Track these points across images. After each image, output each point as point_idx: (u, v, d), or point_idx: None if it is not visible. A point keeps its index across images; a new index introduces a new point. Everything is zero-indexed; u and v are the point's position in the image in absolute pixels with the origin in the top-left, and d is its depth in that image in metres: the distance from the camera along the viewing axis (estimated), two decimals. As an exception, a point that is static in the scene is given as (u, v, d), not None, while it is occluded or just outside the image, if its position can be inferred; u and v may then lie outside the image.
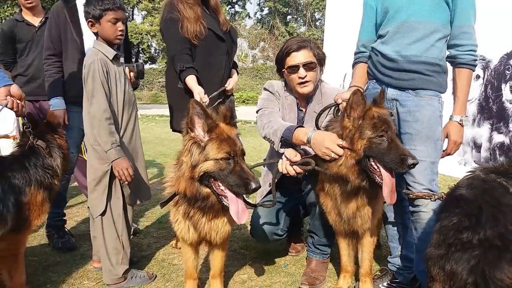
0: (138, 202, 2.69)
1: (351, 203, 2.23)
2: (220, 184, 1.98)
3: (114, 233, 2.53)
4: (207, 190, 2.00)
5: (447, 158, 5.59)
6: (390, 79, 2.28)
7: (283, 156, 2.34)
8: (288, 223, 2.73)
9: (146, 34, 41.05)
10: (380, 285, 2.50)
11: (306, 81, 2.62)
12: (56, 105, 3.03)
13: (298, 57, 2.62)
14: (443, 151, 2.26)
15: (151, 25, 41.53)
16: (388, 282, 2.49)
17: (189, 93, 2.98)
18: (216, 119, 2.00)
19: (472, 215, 1.56)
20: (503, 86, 4.98)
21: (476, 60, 2.23)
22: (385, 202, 2.24)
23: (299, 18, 37.34)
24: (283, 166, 2.28)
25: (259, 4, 40.09)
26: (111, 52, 2.44)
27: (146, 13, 44.09)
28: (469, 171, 2.03)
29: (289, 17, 37.60)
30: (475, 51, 2.21)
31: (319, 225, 2.57)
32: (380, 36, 2.34)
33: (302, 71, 2.60)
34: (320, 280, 2.62)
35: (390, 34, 2.26)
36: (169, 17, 3.09)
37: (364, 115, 2.05)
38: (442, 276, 1.50)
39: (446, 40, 2.24)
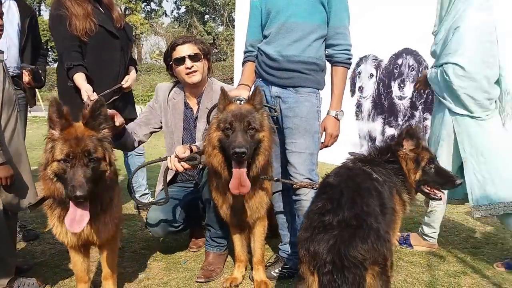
0: (23, 207, 2.54)
1: (239, 196, 2.31)
2: None
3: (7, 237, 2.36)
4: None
5: (346, 153, 5.96)
6: (273, 78, 2.41)
7: (174, 153, 2.38)
8: (184, 216, 2.75)
9: (55, 31, 38.47)
10: (272, 272, 2.62)
11: (194, 71, 2.75)
12: None
13: (184, 50, 2.76)
14: (322, 143, 2.44)
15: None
16: (280, 268, 2.62)
17: (79, 91, 2.90)
18: (71, 119, 1.92)
19: (334, 199, 1.71)
20: (392, 83, 5.45)
21: (350, 58, 2.43)
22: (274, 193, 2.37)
23: (216, 18, 37.39)
24: (172, 163, 2.31)
25: (175, 2, 39.47)
26: None
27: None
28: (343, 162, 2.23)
29: (206, 16, 37.48)
30: (349, 50, 2.41)
31: (213, 218, 2.62)
32: (265, 37, 2.46)
33: (188, 62, 2.73)
34: (217, 272, 2.68)
35: (272, 35, 2.39)
36: (56, 14, 3.00)
37: (224, 109, 2.15)
38: (307, 257, 1.61)
39: (324, 40, 2.41)
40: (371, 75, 5.75)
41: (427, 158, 2.17)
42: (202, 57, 2.80)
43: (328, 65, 2.50)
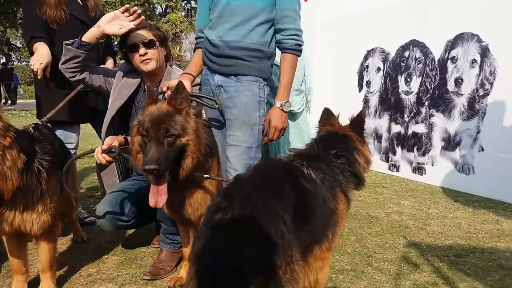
0: None
1: (179, 193, 2.19)
2: None
3: None
4: None
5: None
6: (215, 65, 2.24)
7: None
8: (135, 210, 2.64)
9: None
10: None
11: (148, 59, 2.59)
12: None
13: (137, 37, 2.60)
14: (266, 136, 2.25)
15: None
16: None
17: (59, 84, 2.99)
18: None
19: (231, 196, 1.52)
20: (399, 77, 5.11)
21: (300, 45, 2.22)
22: None
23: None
24: (96, 155, 2.21)
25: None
26: None
27: (98, 7, 42.85)
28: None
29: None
30: (298, 35, 2.20)
31: (163, 213, 2.50)
32: (210, 21, 2.30)
33: (142, 50, 2.58)
34: (166, 270, 2.56)
35: (215, 19, 2.22)
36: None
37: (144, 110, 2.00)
38: (192, 257, 1.46)
39: (272, 25, 2.23)
40: (378, 69, 5.42)
41: None
42: (158, 44, 2.65)
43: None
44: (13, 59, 41.51)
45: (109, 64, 3.34)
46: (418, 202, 4.08)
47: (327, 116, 2.17)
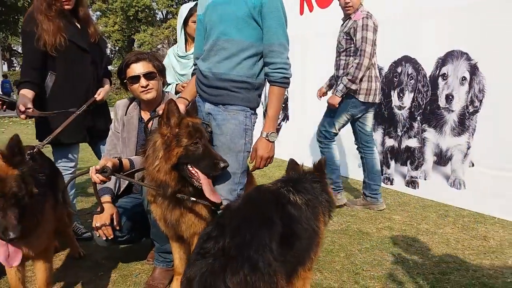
0: None
1: (175, 210, 2.29)
2: None
3: None
4: None
5: (348, 163, 5.80)
6: (205, 94, 2.36)
7: None
8: (130, 226, 2.74)
9: (101, 35, 40.26)
10: None
11: (149, 89, 2.75)
12: None
13: (138, 68, 2.75)
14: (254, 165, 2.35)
15: (106, 26, 40.71)
16: None
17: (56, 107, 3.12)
18: None
19: (222, 225, 1.63)
20: (392, 92, 5.21)
21: (286, 77, 2.31)
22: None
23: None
24: (91, 174, 2.31)
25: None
26: None
27: (100, 13, 43.18)
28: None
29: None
30: (285, 69, 2.29)
31: (157, 232, 2.59)
32: (204, 52, 2.41)
33: (143, 81, 2.73)
34: (159, 287, 2.65)
35: (206, 51, 2.34)
36: (25, 30, 3.17)
37: (180, 123, 2.12)
38: (184, 283, 1.55)
39: (261, 58, 2.32)
40: (372, 84, 5.52)
41: None
42: (157, 74, 2.80)
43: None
44: (15, 64, 41.95)
45: (106, 87, 3.44)
46: (410, 217, 4.16)
47: (293, 165, 2.35)
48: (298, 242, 1.84)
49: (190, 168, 2.13)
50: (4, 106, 3.15)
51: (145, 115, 2.91)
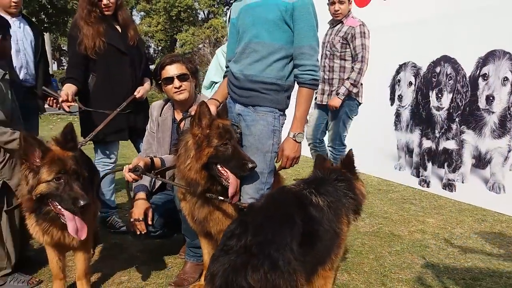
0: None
1: (204, 208, 2.40)
2: (57, 203, 2.15)
3: None
4: (48, 207, 2.18)
5: (384, 164, 5.74)
6: (236, 96, 2.44)
7: None
8: (162, 222, 2.87)
9: (145, 35, 41.50)
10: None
11: (182, 89, 2.89)
12: None
13: (172, 70, 2.89)
14: (280, 165, 2.41)
15: (149, 26, 41.88)
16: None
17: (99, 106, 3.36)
18: (49, 145, 2.19)
19: (245, 223, 1.70)
20: (430, 93, 5.09)
21: (315, 79, 2.35)
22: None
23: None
24: (124, 172, 2.45)
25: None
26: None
27: (144, 14, 44.45)
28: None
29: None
30: (314, 71, 2.33)
31: (187, 228, 2.70)
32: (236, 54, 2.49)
33: (176, 82, 2.87)
34: (189, 281, 2.76)
35: (238, 54, 2.42)
36: (69, 35, 3.47)
37: (211, 125, 2.22)
38: (208, 278, 1.64)
39: (291, 60, 2.37)
40: (410, 84, 5.42)
41: None
42: (190, 76, 2.92)
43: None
44: (64, 63, 44.01)
45: (146, 85, 3.61)
46: (444, 220, 4.07)
47: (320, 161, 2.40)
48: (319, 243, 1.88)
49: (220, 168, 2.25)
50: (58, 105, 3.41)
51: (178, 116, 3.03)
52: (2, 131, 2.48)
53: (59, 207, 2.14)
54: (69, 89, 3.20)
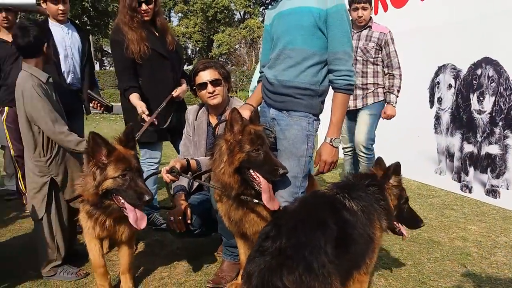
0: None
1: (239, 210, 2.48)
2: (120, 198, 2.31)
3: (49, 234, 2.86)
4: (109, 201, 2.34)
5: (424, 168, 5.63)
6: (270, 101, 2.49)
7: None
8: (200, 221, 2.97)
9: (182, 36, 42.39)
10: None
11: (216, 94, 3.00)
12: None
13: (205, 76, 3.01)
14: (317, 170, 2.44)
15: (187, 27, 42.72)
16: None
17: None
18: (114, 144, 2.36)
19: (279, 226, 1.75)
20: (471, 96, 4.95)
21: (351, 84, 2.35)
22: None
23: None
24: (162, 174, 2.57)
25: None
26: (44, 76, 2.76)
27: (182, 15, 45.37)
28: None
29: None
30: (349, 76, 2.33)
31: (223, 228, 2.77)
32: (270, 60, 2.54)
33: (210, 87, 2.99)
34: (227, 280, 2.84)
35: (273, 60, 2.47)
36: (114, 39, 3.55)
37: (243, 131, 2.28)
38: (244, 278, 1.70)
39: (325, 65, 2.39)
40: (450, 86, 5.28)
41: (405, 197, 2.18)
42: (223, 81, 3.03)
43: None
44: (105, 64, 45.53)
45: (183, 86, 3.72)
46: (487, 228, 3.95)
47: (379, 163, 2.39)
48: (353, 247, 1.90)
49: (252, 173, 2.31)
50: (102, 108, 3.57)
51: (213, 120, 3.15)
52: (68, 139, 2.70)
53: (123, 201, 2.31)
54: (143, 104, 3.35)
